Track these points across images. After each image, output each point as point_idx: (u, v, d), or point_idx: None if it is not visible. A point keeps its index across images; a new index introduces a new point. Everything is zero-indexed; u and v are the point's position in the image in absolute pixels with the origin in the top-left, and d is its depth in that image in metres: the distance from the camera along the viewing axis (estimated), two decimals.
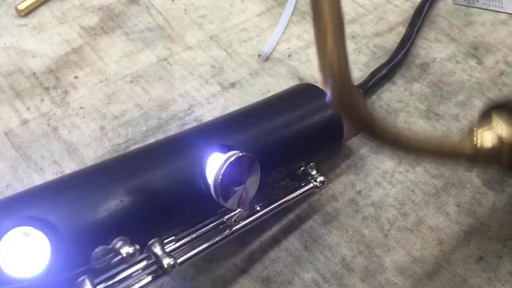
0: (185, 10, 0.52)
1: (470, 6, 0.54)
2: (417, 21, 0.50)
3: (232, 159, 0.27)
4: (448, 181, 0.40)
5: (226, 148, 0.29)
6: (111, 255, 0.24)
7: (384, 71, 0.45)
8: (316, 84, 0.37)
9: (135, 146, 0.40)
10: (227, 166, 0.26)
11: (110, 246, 0.24)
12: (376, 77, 0.44)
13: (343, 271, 0.35)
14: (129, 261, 0.24)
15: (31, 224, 0.23)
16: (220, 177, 0.26)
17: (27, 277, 0.23)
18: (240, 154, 0.27)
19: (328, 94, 0.35)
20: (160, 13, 0.51)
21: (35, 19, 0.49)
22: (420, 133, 0.31)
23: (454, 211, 0.38)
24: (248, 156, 0.27)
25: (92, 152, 0.40)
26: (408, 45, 0.47)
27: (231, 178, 0.27)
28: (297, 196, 0.34)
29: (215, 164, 0.27)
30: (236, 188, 0.27)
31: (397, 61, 0.46)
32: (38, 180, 0.38)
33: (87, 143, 0.40)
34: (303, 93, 0.36)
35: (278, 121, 0.33)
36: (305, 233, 0.36)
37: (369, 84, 0.43)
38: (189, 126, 0.42)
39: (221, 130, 0.31)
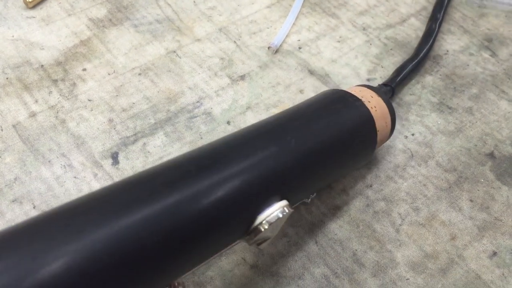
0: (194, 1, 0.51)
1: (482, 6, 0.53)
2: (438, 15, 0.49)
3: (281, 215, 0.27)
4: (461, 176, 0.39)
5: (278, 198, 0.29)
6: None
7: (409, 68, 0.44)
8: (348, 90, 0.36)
9: (144, 139, 0.40)
10: (276, 220, 0.27)
11: None
12: (402, 74, 0.43)
13: (354, 266, 0.34)
14: None
15: None
16: (268, 227, 0.27)
17: None
18: (292, 210, 0.28)
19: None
20: (168, 4, 0.50)
21: (43, 11, 0.49)
22: None
23: (467, 206, 0.37)
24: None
25: (100, 145, 0.39)
26: (431, 41, 0.46)
27: (274, 228, 0.28)
28: None
29: (265, 213, 0.28)
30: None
31: (421, 57, 0.45)
32: (46, 172, 0.37)
33: (96, 135, 0.40)
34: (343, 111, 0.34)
35: (327, 164, 0.32)
36: (315, 228, 0.36)
37: (397, 80, 0.42)
38: (198, 119, 0.41)
39: (277, 168, 0.29)
